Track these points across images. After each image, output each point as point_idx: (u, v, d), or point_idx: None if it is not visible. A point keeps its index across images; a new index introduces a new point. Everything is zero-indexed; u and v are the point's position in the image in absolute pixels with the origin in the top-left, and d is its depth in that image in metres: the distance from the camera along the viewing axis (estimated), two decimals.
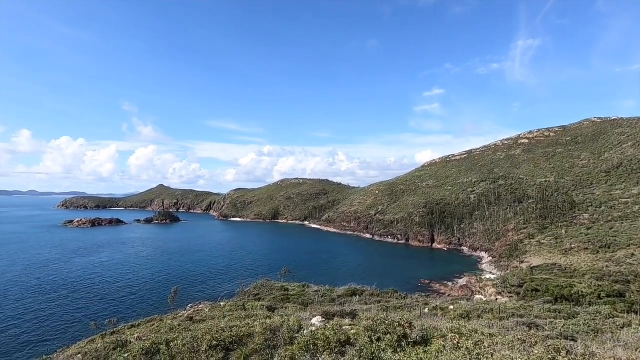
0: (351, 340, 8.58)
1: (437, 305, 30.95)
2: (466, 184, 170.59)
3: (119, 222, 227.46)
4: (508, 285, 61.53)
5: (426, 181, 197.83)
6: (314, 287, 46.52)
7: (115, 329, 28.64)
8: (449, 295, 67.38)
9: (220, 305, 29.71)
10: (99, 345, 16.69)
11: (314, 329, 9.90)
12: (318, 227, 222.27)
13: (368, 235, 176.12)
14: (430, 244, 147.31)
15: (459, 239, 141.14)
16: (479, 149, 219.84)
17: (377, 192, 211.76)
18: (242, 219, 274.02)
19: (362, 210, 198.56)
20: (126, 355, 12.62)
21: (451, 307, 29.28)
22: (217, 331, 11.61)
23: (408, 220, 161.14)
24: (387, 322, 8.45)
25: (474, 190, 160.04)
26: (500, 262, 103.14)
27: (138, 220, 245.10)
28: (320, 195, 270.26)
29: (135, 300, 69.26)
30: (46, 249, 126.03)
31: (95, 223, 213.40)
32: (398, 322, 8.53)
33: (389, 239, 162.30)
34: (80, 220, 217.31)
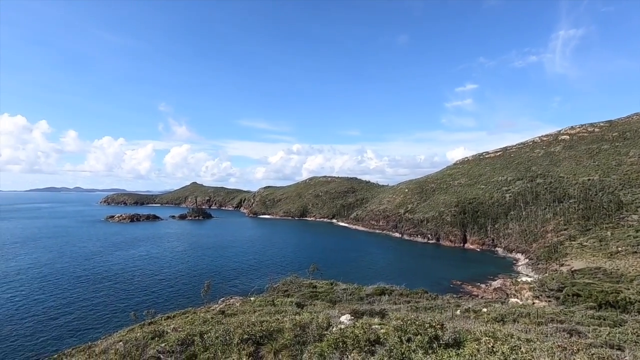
0: (380, 340, 8.51)
1: (469, 308, 29.99)
2: (501, 182, 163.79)
3: (155, 217, 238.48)
4: (546, 289, 58.53)
5: (458, 179, 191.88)
6: (342, 285, 46.46)
7: (152, 320, 30.06)
8: (481, 298, 65.13)
9: (251, 300, 30.37)
10: (138, 335, 17.62)
11: (342, 326, 9.92)
12: (346, 225, 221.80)
13: (397, 234, 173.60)
14: (462, 244, 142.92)
15: (493, 240, 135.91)
16: (514, 145, 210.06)
17: (406, 190, 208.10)
18: (271, 216, 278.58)
19: (391, 208, 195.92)
20: (163, 344, 13.24)
21: (484, 309, 28.28)
22: (248, 325, 11.91)
23: (439, 219, 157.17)
24: (417, 322, 8.31)
25: (510, 189, 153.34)
26: (538, 264, 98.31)
27: (173, 216, 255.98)
28: (349, 194, 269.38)
29: (171, 293, 72.46)
30: (90, 242, 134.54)
31: (133, 218, 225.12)
32: (429, 323, 8.37)
33: (419, 239, 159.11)
34: (120, 215, 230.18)
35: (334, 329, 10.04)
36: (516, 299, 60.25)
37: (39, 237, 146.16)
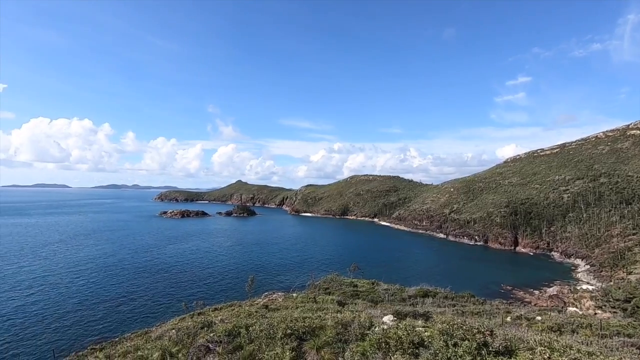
0: (425, 343, 8.30)
1: (521, 315, 28.22)
2: (558, 181, 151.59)
3: (204, 214, 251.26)
4: (611, 299, 53.31)
5: (509, 178, 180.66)
6: (384, 285, 45.85)
7: (201, 310, 31.81)
8: (535, 305, 60.89)
9: (293, 296, 30.99)
10: (189, 324, 18.72)
11: (385, 327, 9.80)
12: (388, 224, 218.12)
13: (442, 235, 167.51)
14: (512, 247, 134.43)
15: (548, 243, 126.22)
16: (574, 142, 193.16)
17: (452, 189, 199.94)
18: (313, 214, 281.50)
19: (435, 208, 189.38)
20: (212, 334, 13.95)
21: (538, 317, 26.47)
22: (290, 321, 12.17)
23: (487, 220, 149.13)
24: (464, 327, 7.98)
25: (568, 189, 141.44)
26: (601, 271, 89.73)
27: (219, 213, 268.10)
28: (391, 192, 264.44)
29: (218, 285, 76.05)
30: (147, 236, 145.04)
31: (184, 214, 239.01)
32: (477, 328, 8.00)
33: (465, 240, 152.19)
34: (172, 211, 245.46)
35: (376, 329, 9.95)
36: (575, 309, 55.51)
37: (103, 230, 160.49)
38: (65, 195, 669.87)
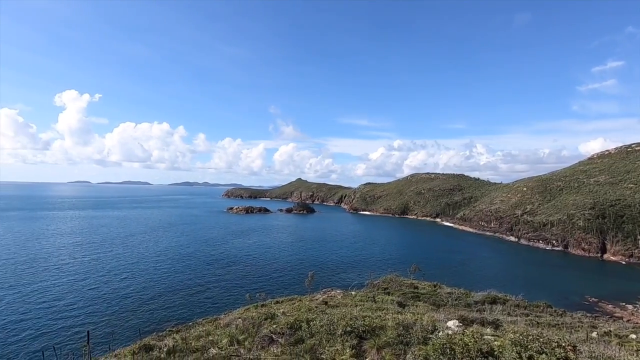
0: (495, 353, 7.76)
1: (609, 331, 24.91)
2: None
3: (266, 210, 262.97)
4: None
5: (595, 177, 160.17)
6: (447, 288, 43.72)
7: (264, 302, 33.42)
8: (628, 321, 53.30)
9: (352, 294, 31.05)
10: (253, 315, 19.77)
11: (450, 332, 9.37)
12: (451, 225, 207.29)
13: (512, 238, 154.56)
14: (599, 254, 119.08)
15: None
16: None
17: (524, 189, 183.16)
18: (371, 213, 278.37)
19: (505, 209, 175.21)
20: (275, 326, 14.60)
21: (633, 336, 23.12)
22: (350, 318, 12.24)
23: (567, 223, 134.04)
24: (541, 339, 7.29)
25: None
26: None
27: (280, 210, 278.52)
28: (455, 191, 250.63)
29: (279, 279, 79.15)
30: (215, 230, 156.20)
31: (248, 210, 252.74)
32: (557, 342, 7.26)
33: (540, 244, 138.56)
34: (238, 207, 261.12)
35: (439, 334, 9.56)
36: None
37: (179, 224, 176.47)
38: (146, 192, 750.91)
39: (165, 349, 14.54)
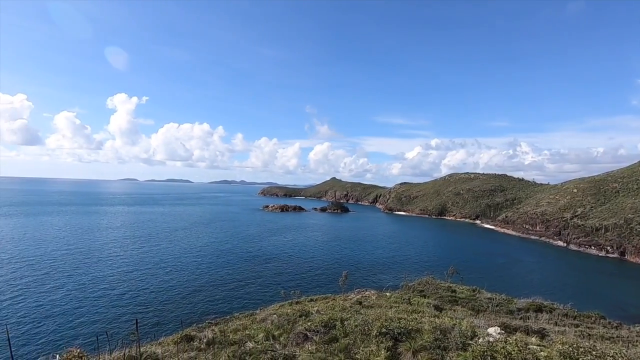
0: None
1: None
2: None
3: (300, 209, 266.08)
4: None
5: None
6: (487, 293, 41.80)
7: (298, 300, 33.89)
8: None
9: (386, 295, 30.64)
10: (288, 311, 20.13)
11: (491, 339, 8.98)
12: (492, 227, 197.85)
13: (560, 243, 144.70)
14: None
15: None
16: None
17: (575, 190, 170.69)
18: (407, 213, 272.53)
19: (552, 211, 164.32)
20: (309, 324, 14.78)
21: None
22: (385, 320, 12.10)
23: (624, 228, 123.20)
24: (595, 352, 6.80)
25: None
26: None
27: (315, 209, 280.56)
28: (496, 192, 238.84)
29: (312, 277, 79.83)
30: (252, 227, 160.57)
31: (283, 209, 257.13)
32: (612, 356, 6.74)
33: (593, 250, 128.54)
34: (273, 206, 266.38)
35: (479, 340, 9.20)
36: None
37: (217, 220, 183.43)
38: (188, 189, 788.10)
39: (205, 340, 15.21)
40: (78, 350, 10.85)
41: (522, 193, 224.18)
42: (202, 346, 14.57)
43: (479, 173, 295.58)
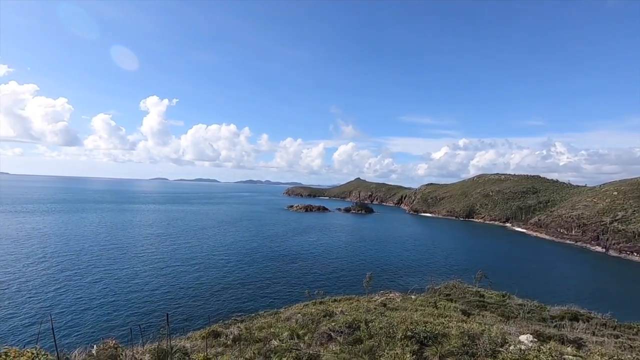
0: None
1: None
2: None
3: (324, 209, 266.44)
4: None
5: None
6: (517, 299, 40.18)
7: (322, 300, 34.00)
8: None
9: (411, 297, 30.20)
10: (312, 311, 20.27)
11: (523, 347, 8.67)
12: (524, 230, 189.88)
13: (598, 248, 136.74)
14: None
15: None
16: None
17: (615, 192, 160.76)
18: (433, 215, 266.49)
19: (589, 215, 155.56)
20: (333, 324, 14.84)
21: None
22: (411, 323, 11.96)
23: None
24: None
25: None
26: None
27: (339, 209, 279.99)
28: (528, 194, 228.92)
29: (336, 278, 79.67)
30: (277, 227, 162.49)
31: (307, 209, 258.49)
32: None
33: (635, 257, 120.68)
34: (297, 205, 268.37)
35: (510, 348, 8.91)
36: None
37: (243, 219, 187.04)
38: (215, 188, 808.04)
39: (231, 337, 15.62)
40: (114, 342, 11.48)
41: (556, 195, 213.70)
42: (228, 342, 14.96)
43: (509, 174, 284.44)
